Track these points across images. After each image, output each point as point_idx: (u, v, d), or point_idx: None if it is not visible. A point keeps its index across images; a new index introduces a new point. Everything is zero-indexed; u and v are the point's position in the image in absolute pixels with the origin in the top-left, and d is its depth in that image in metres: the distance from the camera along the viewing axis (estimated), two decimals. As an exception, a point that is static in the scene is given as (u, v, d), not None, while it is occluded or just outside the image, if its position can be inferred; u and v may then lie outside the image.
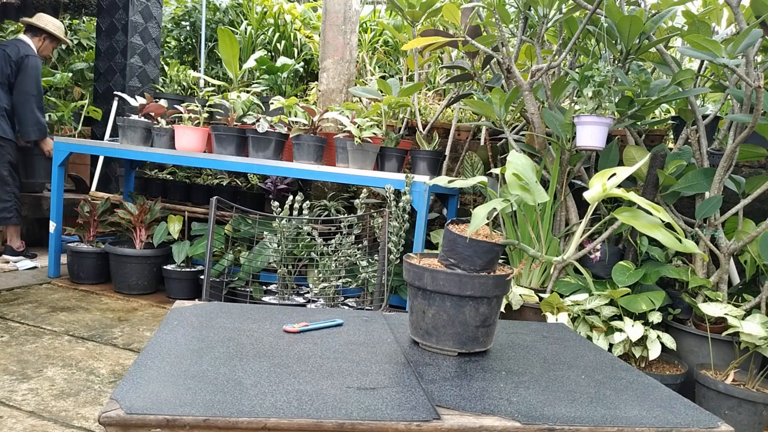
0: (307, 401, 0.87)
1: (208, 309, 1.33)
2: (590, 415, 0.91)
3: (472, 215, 1.10)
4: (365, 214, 2.85)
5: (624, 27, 2.44)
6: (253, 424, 0.80)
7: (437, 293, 1.16)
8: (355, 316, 1.42)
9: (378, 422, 0.83)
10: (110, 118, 4.93)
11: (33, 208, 4.51)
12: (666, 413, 0.95)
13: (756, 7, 2.33)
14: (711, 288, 2.49)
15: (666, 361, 2.48)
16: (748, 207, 2.56)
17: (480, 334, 1.18)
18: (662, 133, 3.49)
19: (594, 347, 1.32)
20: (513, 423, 0.86)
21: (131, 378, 0.90)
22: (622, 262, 2.59)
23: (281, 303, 2.97)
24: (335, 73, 4.17)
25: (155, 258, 3.62)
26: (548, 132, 3.01)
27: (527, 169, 1.16)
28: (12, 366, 2.39)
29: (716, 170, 2.51)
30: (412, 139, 3.70)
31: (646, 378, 1.13)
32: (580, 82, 2.38)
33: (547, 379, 1.07)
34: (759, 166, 3.26)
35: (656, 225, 1.01)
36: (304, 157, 3.26)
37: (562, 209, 2.90)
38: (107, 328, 2.95)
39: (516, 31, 3.24)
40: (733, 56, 2.16)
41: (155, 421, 0.78)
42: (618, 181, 1.06)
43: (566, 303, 2.42)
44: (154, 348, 1.04)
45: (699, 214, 2.53)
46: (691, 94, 2.46)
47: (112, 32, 5.11)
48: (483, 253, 1.16)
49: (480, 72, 3.22)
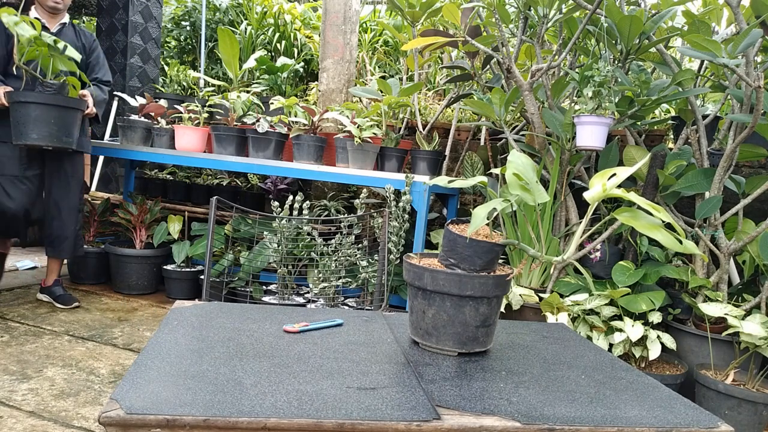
0: (307, 401, 0.87)
1: (208, 309, 1.33)
2: (590, 415, 0.91)
3: (472, 215, 1.10)
4: (365, 214, 2.85)
5: (624, 27, 2.44)
6: (253, 424, 0.80)
7: (437, 293, 1.16)
8: (355, 316, 1.42)
9: (378, 422, 0.83)
10: (110, 118, 4.93)
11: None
12: (666, 413, 0.95)
13: (756, 7, 2.33)
14: (711, 288, 2.49)
15: (666, 361, 2.48)
16: (748, 207, 2.56)
17: (480, 334, 1.18)
18: (662, 133, 3.49)
19: (594, 347, 1.32)
20: (513, 423, 0.86)
21: (131, 378, 0.90)
22: (622, 262, 2.59)
23: (281, 303, 2.97)
24: (335, 73, 4.17)
25: (155, 258, 3.62)
26: (548, 132, 3.01)
27: (527, 169, 1.16)
28: (12, 366, 2.39)
29: (716, 170, 2.51)
30: (412, 139, 3.70)
31: (646, 378, 1.13)
32: (580, 82, 2.38)
33: (547, 379, 1.07)
34: (759, 166, 3.26)
35: (656, 225, 1.01)
36: (304, 157, 3.26)
37: (562, 209, 2.90)
38: (107, 328, 2.95)
39: (516, 31, 3.24)
40: (733, 56, 2.16)
41: (155, 421, 0.78)
42: (618, 181, 1.06)
43: (566, 303, 2.41)
44: (154, 348, 1.04)
45: (699, 214, 2.53)
46: (691, 94, 2.46)
47: (112, 32, 5.11)
48: (483, 253, 1.16)
49: (480, 72, 3.22)
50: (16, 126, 2.74)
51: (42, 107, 2.72)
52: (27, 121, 2.72)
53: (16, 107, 2.73)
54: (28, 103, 2.70)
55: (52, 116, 2.75)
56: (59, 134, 2.80)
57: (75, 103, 2.86)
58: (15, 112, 2.73)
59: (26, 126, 2.72)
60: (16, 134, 2.75)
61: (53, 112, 2.76)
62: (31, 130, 2.72)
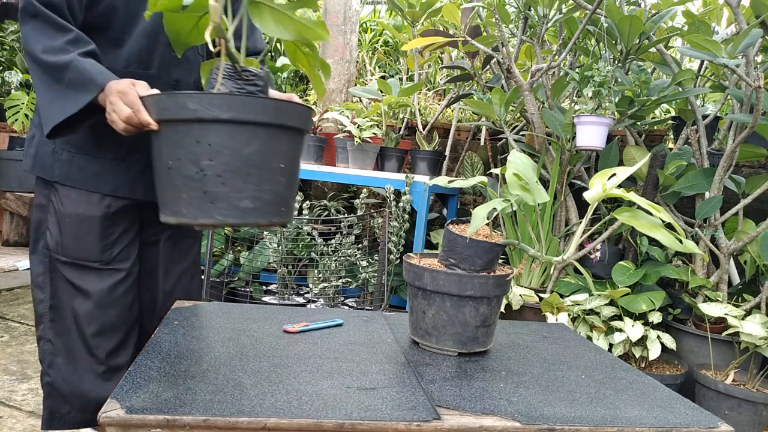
0: (307, 401, 0.87)
1: (208, 309, 1.33)
2: (590, 415, 0.91)
3: (472, 215, 1.10)
4: (365, 214, 2.85)
5: (624, 27, 2.44)
6: (253, 425, 0.80)
7: (437, 293, 1.16)
8: (355, 316, 1.42)
9: (378, 422, 0.83)
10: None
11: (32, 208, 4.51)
12: (666, 413, 0.95)
13: (756, 7, 2.33)
14: (711, 288, 2.49)
15: (666, 361, 2.48)
16: (748, 207, 2.56)
17: (480, 334, 1.18)
18: (662, 133, 3.49)
19: (594, 347, 1.32)
20: (513, 423, 0.86)
21: (131, 378, 0.90)
22: (622, 262, 2.59)
23: (281, 303, 2.96)
24: (335, 73, 4.17)
25: (155, 258, 3.60)
26: (548, 132, 3.01)
27: (528, 169, 1.16)
28: (12, 366, 2.38)
29: (716, 170, 2.51)
30: (412, 139, 3.70)
31: (646, 378, 1.13)
32: (580, 82, 2.38)
33: (547, 379, 1.07)
34: (759, 166, 3.26)
35: (656, 225, 1.01)
36: (304, 157, 3.26)
37: (562, 209, 2.89)
38: (107, 328, 2.95)
39: (516, 31, 3.24)
40: (733, 56, 2.16)
41: (155, 421, 0.78)
42: (618, 181, 1.06)
43: (566, 303, 2.41)
44: (154, 348, 1.04)
45: (699, 214, 2.52)
46: (691, 94, 2.46)
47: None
48: (483, 253, 1.16)
49: (480, 72, 3.22)
50: (177, 180, 0.98)
51: (256, 132, 0.98)
52: (219, 166, 0.96)
53: (184, 131, 0.97)
54: (223, 123, 0.95)
55: (275, 152, 1.02)
56: (280, 198, 1.05)
57: (297, 116, 1.05)
58: (179, 146, 0.98)
59: (216, 181, 0.96)
60: (173, 201, 1.00)
61: (278, 142, 1.02)
62: (232, 191, 0.97)
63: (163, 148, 0.99)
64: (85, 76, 1.17)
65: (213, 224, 0.97)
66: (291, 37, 1.04)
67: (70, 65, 1.18)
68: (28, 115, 4.52)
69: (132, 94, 1.10)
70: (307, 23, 1.04)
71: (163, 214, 1.02)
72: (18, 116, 4.48)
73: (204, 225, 0.97)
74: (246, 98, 0.97)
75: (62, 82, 1.19)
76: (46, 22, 1.21)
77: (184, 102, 0.94)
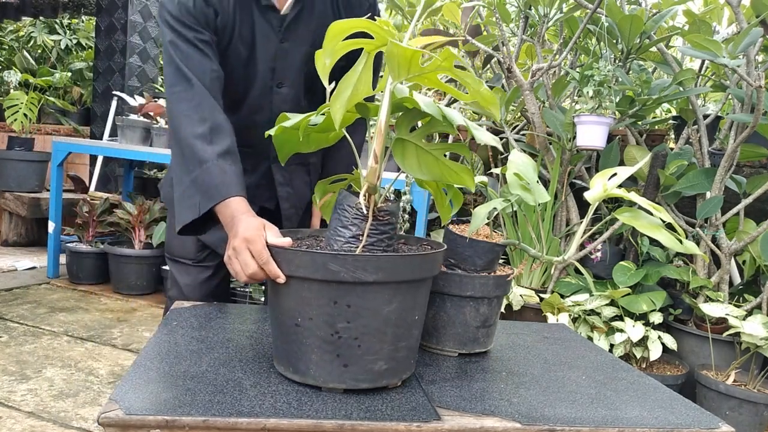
0: (307, 402, 0.86)
1: (208, 310, 1.33)
2: (591, 415, 0.91)
3: (473, 215, 1.10)
4: (365, 214, 2.85)
5: (625, 26, 2.43)
6: (253, 425, 0.79)
7: (437, 293, 1.15)
8: (355, 317, 1.41)
9: (378, 423, 0.82)
10: (109, 117, 4.92)
11: (32, 208, 4.50)
12: (667, 414, 0.94)
13: (756, 7, 2.33)
14: (712, 288, 2.49)
15: (667, 361, 2.48)
16: (749, 207, 2.56)
17: (480, 335, 1.17)
18: (663, 133, 3.49)
19: (595, 348, 1.32)
20: (513, 424, 0.86)
21: (130, 379, 0.89)
22: (623, 262, 2.59)
23: (281, 303, 2.96)
24: (335, 73, 4.16)
25: (154, 258, 3.61)
26: (549, 132, 3.01)
27: (528, 169, 1.16)
28: (11, 366, 2.38)
29: (717, 170, 2.50)
30: (412, 138, 3.69)
31: (647, 378, 1.12)
32: (580, 82, 2.37)
33: (547, 379, 1.07)
34: (760, 165, 3.25)
35: (657, 225, 1.00)
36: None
37: (562, 209, 2.89)
38: (106, 328, 2.95)
39: (516, 30, 3.23)
40: (734, 56, 2.15)
41: (155, 422, 0.78)
42: (619, 181, 1.05)
43: (567, 303, 2.41)
44: (153, 349, 1.03)
45: (700, 214, 2.52)
46: (691, 93, 2.45)
47: (111, 31, 5.10)
48: (483, 253, 1.16)
49: (480, 71, 3.22)
50: (307, 339, 0.90)
51: (399, 289, 0.89)
52: (357, 329, 0.88)
53: (318, 290, 0.87)
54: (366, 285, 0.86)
55: (413, 306, 0.94)
56: (412, 352, 0.99)
57: (438, 265, 1.00)
58: (311, 306, 0.88)
59: (352, 344, 0.89)
60: (299, 360, 0.91)
61: (417, 295, 0.95)
62: (368, 353, 0.90)
63: (291, 303, 0.90)
64: (211, 183, 1.16)
65: (342, 389, 0.90)
66: (431, 179, 0.98)
67: (203, 165, 1.17)
68: (27, 114, 4.51)
69: (260, 243, 0.95)
70: (452, 166, 0.96)
71: (283, 368, 0.94)
72: (17, 116, 4.46)
73: (332, 389, 0.90)
74: (392, 258, 0.88)
75: (191, 174, 1.19)
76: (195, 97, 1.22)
77: (324, 262, 0.85)
